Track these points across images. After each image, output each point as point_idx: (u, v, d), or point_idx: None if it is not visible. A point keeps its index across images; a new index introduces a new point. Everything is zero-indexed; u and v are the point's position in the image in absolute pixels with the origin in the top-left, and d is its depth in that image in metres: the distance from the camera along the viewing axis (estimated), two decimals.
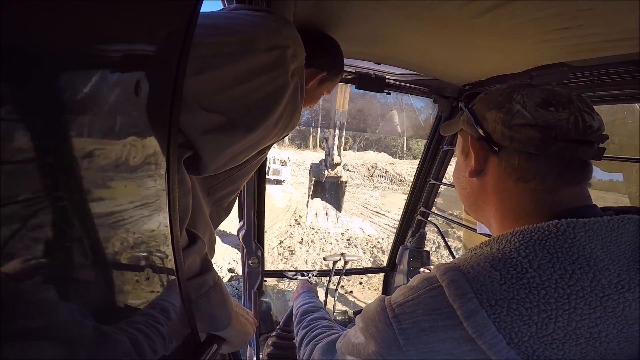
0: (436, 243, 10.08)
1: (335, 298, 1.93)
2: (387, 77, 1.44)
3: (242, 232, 1.52)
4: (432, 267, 1.28)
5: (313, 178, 6.26)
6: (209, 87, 0.56)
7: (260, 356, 1.48)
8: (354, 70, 1.39)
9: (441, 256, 9.21)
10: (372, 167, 18.29)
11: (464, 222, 2.01)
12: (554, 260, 0.40)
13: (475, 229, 1.58)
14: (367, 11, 0.86)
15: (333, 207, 6.53)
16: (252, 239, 1.53)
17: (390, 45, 1.11)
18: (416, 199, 1.83)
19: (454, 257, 1.71)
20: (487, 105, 0.51)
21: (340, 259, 1.73)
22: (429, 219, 1.81)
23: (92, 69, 0.27)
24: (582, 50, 0.88)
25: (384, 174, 18.11)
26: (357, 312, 1.86)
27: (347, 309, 1.85)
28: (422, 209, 1.81)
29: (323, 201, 6.35)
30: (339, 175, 5.90)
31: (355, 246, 9.01)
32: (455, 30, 0.89)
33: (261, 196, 1.47)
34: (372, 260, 8.41)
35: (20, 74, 0.21)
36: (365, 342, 0.48)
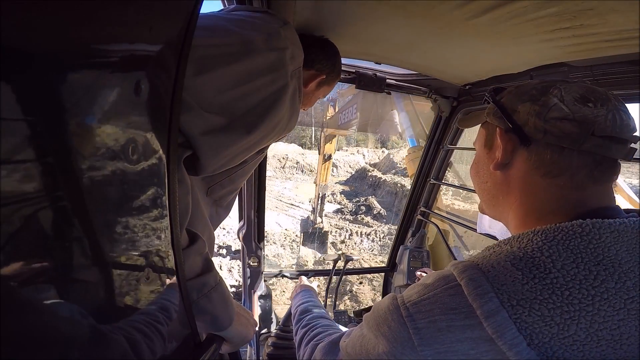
0: (348, 230, 9.94)
1: (335, 298, 1.92)
2: (387, 77, 1.44)
3: (242, 232, 1.52)
4: (427, 269, 1.28)
5: (303, 230, 8.69)
6: (209, 88, 0.57)
7: (260, 356, 1.48)
8: (354, 70, 1.39)
9: (354, 243, 9.34)
10: (283, 158, 18.19)
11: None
12: (578, 260, 0.39)
13: (475, 229, 1.58)
14: (367, 11, 0.86)
15: (318, 250, 8.13)
16: (252, 239, 1.53)
17: (390, 45, 1.11)
18: (416, 199, 1.83)
19: (454, 257, 1.71)
20: (519, 97, 0.50)
21: (340, 259, 1.73)
22: (429, 218, 1.81)
23: (92, 69, 0.27)
24: (582, 50, 0.88)
25: (295, 165, 18.07)
26: (357, 313, 1.86)
27: (347, 309, 1.85)
28: (422, 208, 1.81)
29: (310, 247, 8.14)
30: (321, 227, 8.17)
31: (274, 242, 8.45)
32: (455, 30, 0.89)
33: (261, 195, 1.47)
34: (294, 258, 7.91)
35: (20, 74, 0.21)
36: (375, 341, 0.47)
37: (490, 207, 0.57)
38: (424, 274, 1.25)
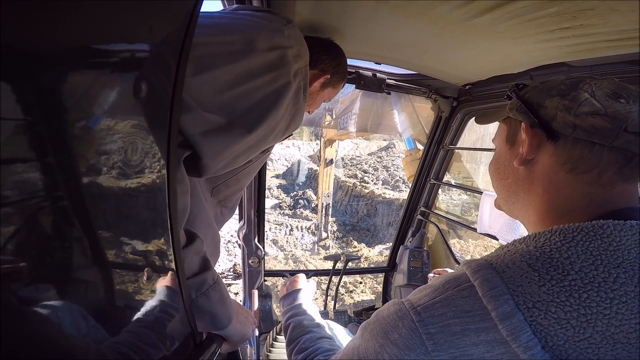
0: (288, 226, 9.12)
1: (335, 298, 1.92)
2: (387, 77, 1.44)
3: (243, 232, 1.52)
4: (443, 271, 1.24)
5: (311, 253, 8.62)
6: (209, 87, 0.56)
7: (260, 356, 1.48)
8: (354, 71, 1.39)
9: (296, 238, 8.93)
10: None
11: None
12: (597, 263, 0.38)
13: (476, 229, 1.58)
14: (367, 11, 0.86)
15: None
16: (253, 239, 1.54)
17: (390, 45, 1.11)
18: (416, 199, 1.83)
19: (454, 258, 1.71)
20: (546, 93, 0.49)
21: (340, 259, 1.73)
22: (429, 218, 1.81)
23: (93, 69, 0.28)
24: (582, 50, 0.88)
25: None
26: (358, 313, 1.86)
27: (347, 309, 1.85)
28: (422, 208, 1.81)
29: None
30: (327, 245, 8.29)
31: None
32: (455, 30, 0.89)
33: (262, 195, 1.47)
34: (230, 260, 7.18)
35: (20, 74, 0.21)
36: (379, 350, 0.45)
37: (509, 204, 0.56)
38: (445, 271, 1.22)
